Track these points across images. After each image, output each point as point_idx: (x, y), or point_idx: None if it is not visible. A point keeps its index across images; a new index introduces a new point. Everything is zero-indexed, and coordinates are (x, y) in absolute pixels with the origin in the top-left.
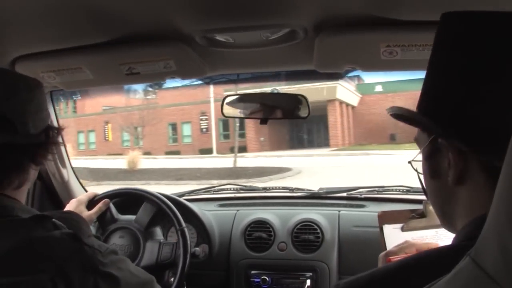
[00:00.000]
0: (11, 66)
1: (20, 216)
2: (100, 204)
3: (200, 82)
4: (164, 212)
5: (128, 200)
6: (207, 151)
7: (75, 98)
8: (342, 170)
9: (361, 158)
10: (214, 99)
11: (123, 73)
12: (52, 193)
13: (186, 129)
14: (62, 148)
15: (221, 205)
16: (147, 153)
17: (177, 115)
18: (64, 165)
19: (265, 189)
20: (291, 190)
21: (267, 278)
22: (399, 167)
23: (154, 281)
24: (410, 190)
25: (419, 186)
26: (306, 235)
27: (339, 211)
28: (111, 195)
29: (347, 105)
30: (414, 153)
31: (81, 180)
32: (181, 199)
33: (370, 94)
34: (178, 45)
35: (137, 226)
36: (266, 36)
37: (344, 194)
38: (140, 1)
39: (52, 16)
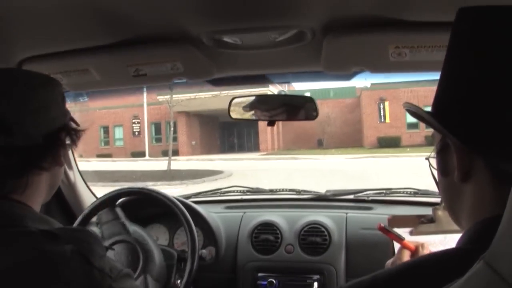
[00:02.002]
0: (18, 67)
1: (29, 227)
2: None
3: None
4: (173, 213)
5: (135, 200)
6: (140, 154)
7: None
8: (271, 173)
9: (289, 162)
10: (147, 103)
11: (130, 75)
12: (58, 195)
13: (118, 132)
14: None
15: (227, 207)
16: (79, 155)
17: (109, 118)
18: (70, 167)
19: (272, 191)
20: (298, 192)
21: (274, 281)
22: (324, 170)
23: None
24: (417, 193)
25: (426, 188)
26: (313, 238)
27: (346, 213)
28: (118, 195)
29: None
30: (338, 158)
31: None
32: (188, 201)
33: None
34: (186, 46)
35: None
36: (274, 37)
37: (351, 197)
38: (148, 3)
39: (60, 18)
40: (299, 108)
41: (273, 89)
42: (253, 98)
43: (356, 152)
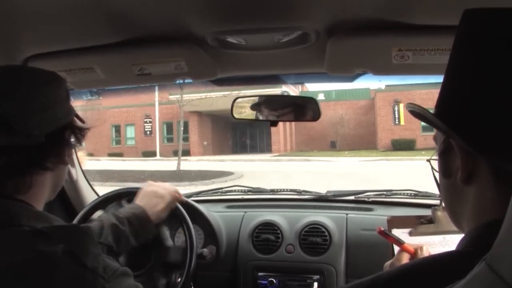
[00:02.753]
0: (23, 64)
1: (23, 226)
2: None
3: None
4: (173, 212)
5: None
6: (150, 153)
7: None
8: (281, 175)
9: (301, 164)
10: (159, 102)
11: (135, 74)
12: (60, 193)
13: (130, 131)
14: None
15: (229, 207)
16: (90, 154)
17: (121, 117)
18: (73, 165)
19: (273, 191)
20: (299, 192)
21: (274, 280)
22: (336, 173)
23: None
24: (418, 194)
25: (426, 190)
26: (314, 238)
27: (347, 214)
28: (118, 194)
29: None
30: (351, 161)
31: None
32: (189, 200)
33: None
34: (190, 46)
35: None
36: (278, 38)
37: (352, 198)
38: (154, 3)
39: (66, 16)
40: (301, 109)
41: (287, 90)
42: (256, 98)
43: (370, 155)
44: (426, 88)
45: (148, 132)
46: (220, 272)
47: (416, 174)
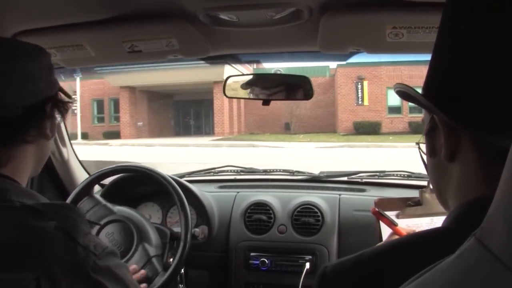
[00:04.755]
0: None
1: (14, 201)
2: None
3: None
4: (167, 192)
5: (128, 178)
6: (74, 136)
7: None
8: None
9: (244, 151)
10: (86, 77)
11: (125, 51)
12: (51, 172)
13: None
14: (62, 125)
15: (221, 187)
16: None
17: None
18: (64, 144)
19: (265, 171)
20: (292, 173)
21: (266, 261)
22: (286, 165)
23: None
24: (411, 176)
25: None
26: (306, 218)
27: (339, 195)
28: (112, 171)
29: None
30: (307, 147)
31: None
32: (182, 180)
33: None
34: (181, 23)
35: (135, 221)
36: (270, 15)
37: (345, 178)
38: None
39: None
40: (294, 88)
41: (280, 69)
42: (249, 77)
43: (329, 139)
44: (394, 64)
45: (75, 111)
46: (212, 252)
47: (387, 165)
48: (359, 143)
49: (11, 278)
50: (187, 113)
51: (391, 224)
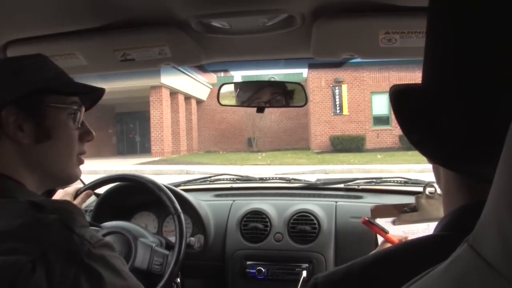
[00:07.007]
0: (2, 50)
1: (19, 198)
2: (82, 195)
3: None
4: (160, 200)
5: (124, 187)
6: None
7: None
8: None
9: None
10: None
11: (118, 60)
12: None
13: None
14: None
15: (217, 195)
16: None
17: None
18: None
19: (261, 179)
20: (288, 180)
21: (262, 269)
22: None
23: None
24: (408, 182)
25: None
26: (303, 226)
27: (336, 202)
28: (107, 180)
29: (190, 98)
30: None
31: None
32: (177, 189)
33: None
34: (174, 31)
35: (123, 227)
36: (263, 22)
37: (342, 185)
38: None
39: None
40: (288, 95)
41: (274, 76)
42: (243, 84)
43: (299, 160)
44: (379, 64)
45: None
46: (208, 261)
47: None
48: (337, 166)
49: (8, 260)
50: (132, 128)
51: (382, 232)
